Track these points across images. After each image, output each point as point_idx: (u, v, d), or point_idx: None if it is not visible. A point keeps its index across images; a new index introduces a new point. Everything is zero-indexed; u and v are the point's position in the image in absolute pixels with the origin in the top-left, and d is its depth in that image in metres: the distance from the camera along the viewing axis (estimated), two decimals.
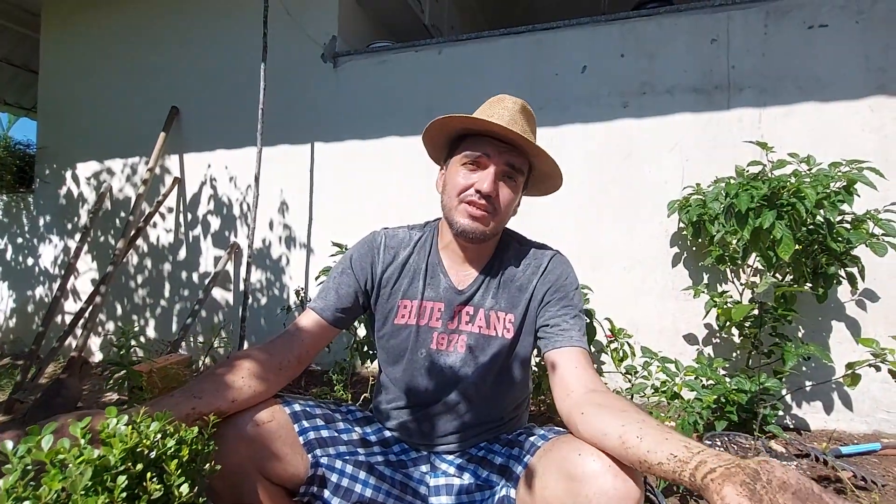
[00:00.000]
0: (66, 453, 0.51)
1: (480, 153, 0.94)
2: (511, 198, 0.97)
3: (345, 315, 1.02)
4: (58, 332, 2.92)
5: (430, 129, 0.99)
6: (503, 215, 0.97)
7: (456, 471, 0.99)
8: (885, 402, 1.97)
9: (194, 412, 0.79)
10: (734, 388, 1.68)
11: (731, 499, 0.54)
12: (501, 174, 0.94)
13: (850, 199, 1.68)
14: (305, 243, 2.84)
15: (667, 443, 0.65)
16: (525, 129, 0.95)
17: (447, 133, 1.01)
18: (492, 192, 0.92)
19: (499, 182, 0.94)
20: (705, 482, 0.58)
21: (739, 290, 2.05)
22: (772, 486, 0.54)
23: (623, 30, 2.35)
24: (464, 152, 0.96)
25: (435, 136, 1.02)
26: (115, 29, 3.28)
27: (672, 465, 0.62)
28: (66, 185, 3.38)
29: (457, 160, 0.97)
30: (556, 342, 0.94)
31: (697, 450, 0.63)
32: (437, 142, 1.04)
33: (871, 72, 2.03)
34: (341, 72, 2.79)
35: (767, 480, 0.55)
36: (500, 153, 0.94)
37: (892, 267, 1.91)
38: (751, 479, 0.55)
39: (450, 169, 0.99)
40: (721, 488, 0.55)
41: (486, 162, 0.94)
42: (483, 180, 0.92)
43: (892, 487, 1.57)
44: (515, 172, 0.96)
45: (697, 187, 2.09)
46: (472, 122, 0.93)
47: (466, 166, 0.95)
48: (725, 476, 0.56)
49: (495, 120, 0.92)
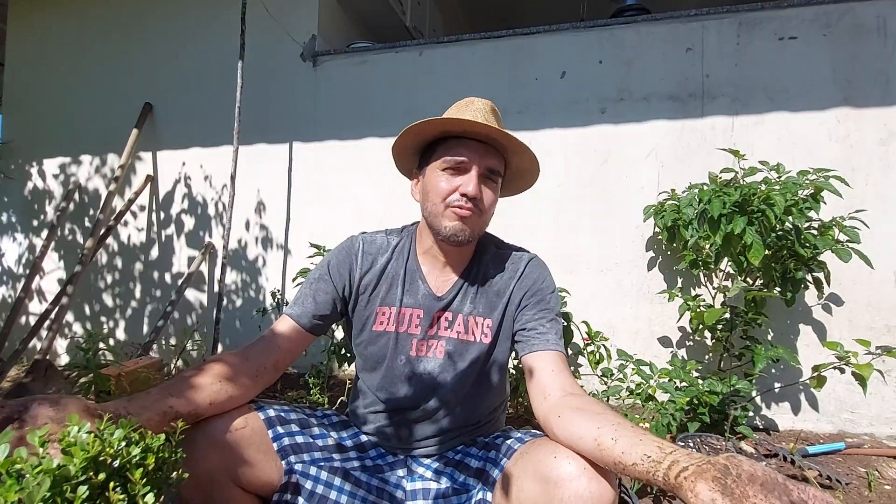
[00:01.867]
0: (22, 463, 0.48)
1: (461, 158, 0.93)
2: (493, 199, 0.97)
3: (322, 322, 1.01)
4: (21, 333, 2.81)
5: (405, 135, 0.97)
6: (487, 216, 0.97)
7: (433, 475, 0.98)
8: (849, 403, 2.04)
9: (171, 410, 0.76)
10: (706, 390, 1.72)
11: (704, 495, 0.56)
12: (482, 175, 0.94)
13: (816, 206, 1.74)
14: (283, 244, 2.80)
15: (641, 444, 0.66)
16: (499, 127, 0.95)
17: (422, 138, 0.99)
18: (477, 194, 0.92)
19: (481, 182, 0.94)
20: (678, 481, 0.59)
21: (712, 294, 2.10)
22: (741, 480, 0.56)
23: (601, 37, 2.39)
24: (443, 157, 0.94)
25: (409, 143, 1.00)
26: (87, 21, 3.18)
27: (646, 466, 0.64)
28: (32, 181, 3.25)
29: (435, 166, 0.96)
30: (532, 346, 0.95)
31: (670, 450, 0.64)
32: (409, 150, 1.03)
33: (838, 83, 2.10)
34: (321, 71, 2.77)
35: (737, 474, 0.57)
36: (480, 156, 0.93)
37: (857, 272, 1.98)
38: (721, 475, 0.57)
39: (428, 175, 0.97)
40: (694, 486, 0.57)
41: (468, 165, 0.93)
42: (468, 183, 0.91)
43: (855, 486, 1.62)
44: (494, 174, 0.96)
45: (672, 193, 2.13)
46: (456, 122, 0.91)
47: (447, 171, 0.94)
48: (697, 474, 0.58)
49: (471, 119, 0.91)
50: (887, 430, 2.01)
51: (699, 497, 0.56)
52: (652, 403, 1.68)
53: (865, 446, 1.90)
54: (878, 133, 2.05)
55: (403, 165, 1.08)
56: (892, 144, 2.04)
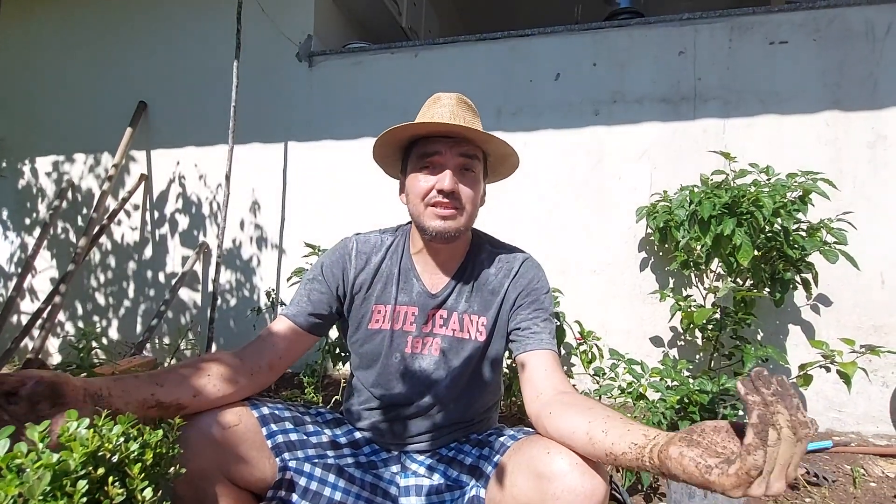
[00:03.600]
0: (22, 457, 0.49)
1: (433, 153, 0.94)
2: (475, 189, 0.97)
3: (320, 321, 1.02)
4: (13, 332, 2.79)
5: (377, 147, 1.01)
6: (471, 209, 0.97)
7: (426, 471, 0.99)
8: (836, 402, 2.08)
9: (152, 398, 0.79)
10: (696, 389, 1.74)
11: (673, 453, 0.61)
12: (458, 167, 0.95)
13: (804, 208, 1.77)
14: (277, 244, 2.80)
15: (629, 434, 0.69)
16: (468, 119, 0.96)
17: (396, 144, 1.02)
18: (454, 188, 0.93)
19: (458, 177, 0.95)
20: (661, 458, 0.63)
21: (703, 295, 2.13)
22: (706, 432, 0.62)
23: (595, 39, 2.41)
24: (417, 157, 0.97)
25: (385, 152, 1.03)
26: (81, 18, 3.16)
27: (634, 454, 0.67)
28: (24, 179, 3.23)
29: (412, 167, 0.98)
30: (526, 345, 0.96)
31: (654, 435, 0.67)
32: (388, 157, 1.06)
33: (827, 87, 2.14)
34: (316, 71, 2.77)
35: (701, 430, 0.62)
36: (450, 147, 0.94)
37: (844, 273, 2.01)
38: (687, 434, 0.63)
39: (408, 177, 0.99)
40: (667, 452, 0.62)
41: (441, 160, 0.94)
42: (442, 179, 0.93)
43: (841, 483, 1.65)
44: (471, 161, 0.97)
45: (664, 194, 2.15)
46: (415, 127, 0.94)
47: (423, 170, 0.96)
48: (668, 443, 0.63)
49: (437, 119, 0.93)
50: (873, 429, 2.04)
51: (672, 458, 0.61)
52: (643, 402, 1.70)
53: (852, 444, 1.93)
54: (866, 136, 2.08)
55: (391, 173, 1.12)
56: (879, 147, 2.07)
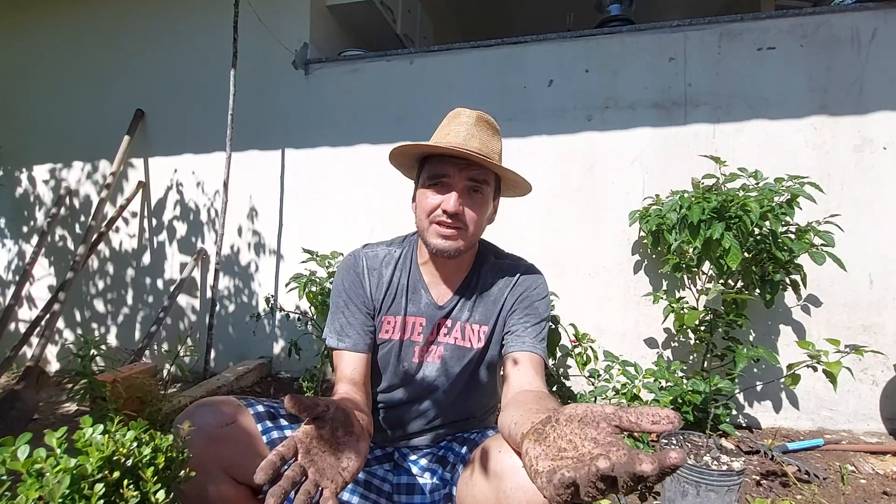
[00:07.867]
0: (42, 462, 0.52)
1: (442, 175, 0.96)
2: (479, 211, 0.98)
3: (372, 338, 1.05)
4: (12, 340, 2.80)
5: (393, 156, 1.03)
6: (474, 229, 0.99)
7: (418, 470, 1.03)
8: (827, 401, 2.12)
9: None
10: (690, 390, 1.78)
11: (525, 446, 0.57)
12: (466, 190, 0.96)
13: (791, 211, 1.81)
14: (275, 250, 2.83)
15: (528, 423, 0.64)
16: (484, 141, 0.96)
17: (411, 157, 1.04)
18: (458, 210, 0.94)
19: (464, 198, 0.96)
20: (523, 452, 0.59)
21: (695, 297, 2.16)
22: (559, 424, 0.56)
23: (588, 46, 2.45)
24: (427, 174, 0.99)
25: (401, 161, 1.06)
26: (77, 25, 3.18)
27: (518, 441, 0.63)
28: (21, 187, 3.24)
29: (423, 182, 1.00)
30: (509, 347, 1.00)
31: (538, 419, 0.62)
32: (404, 164, 1.08)
33: (815, 92, 2.18)
34: (312, 79, 2.80)
35: (556, 420, 0.57)
36: (460, 171, 0.95)
37: (834, 274, 2.05)
38: (542, 425, 0.58)
39: (419, 191, 1.02)
40: (524, 447, 0.58)
41: (449, 181, 0.96)
42: (448, 200, 0.94)
43: (832, 480, 1.68)
44: (480, 185, 0.98)
45: (657, 198, 2.19)
46: (429, 148, 0.96)
47: (432, 188, 0.97)
48: (525, 435, 0.60)
49: (451, 138, 0.95)
50: (864, 427, 2.08)
51: (524, 454, 0.57)
52: (637, 403, 1.73)
53: (843, 442, 1.97)
54: (853, 140, 2.13)
55: (408, 174, 1.13)
56: (866, 151, 2.12)
